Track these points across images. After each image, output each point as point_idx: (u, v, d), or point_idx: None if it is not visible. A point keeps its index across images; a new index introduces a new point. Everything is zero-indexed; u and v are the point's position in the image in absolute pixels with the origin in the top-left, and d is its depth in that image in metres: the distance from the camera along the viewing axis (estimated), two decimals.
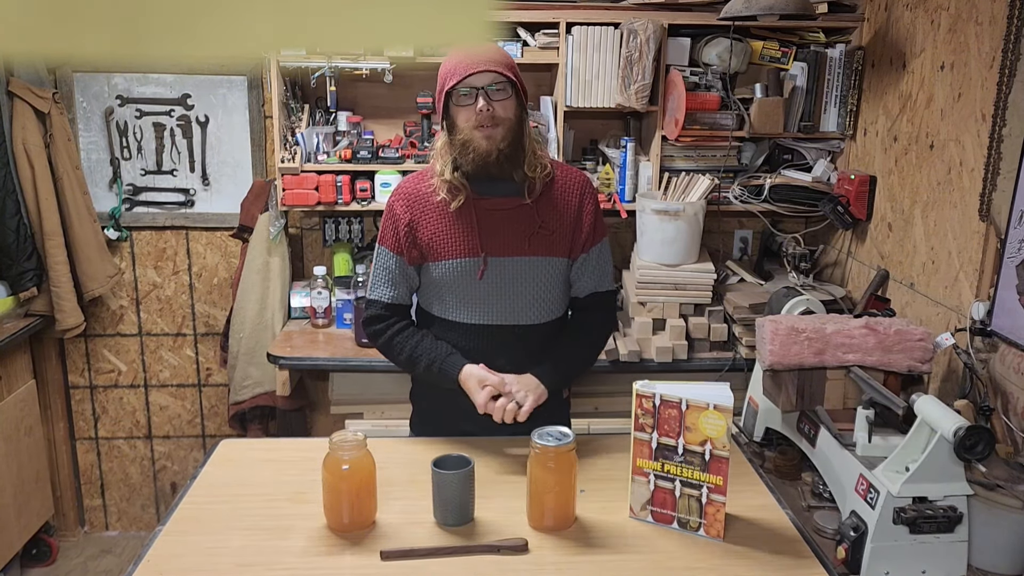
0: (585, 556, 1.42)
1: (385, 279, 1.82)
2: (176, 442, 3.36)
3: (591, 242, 1.83)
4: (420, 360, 1.77)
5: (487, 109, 1.65)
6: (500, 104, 1.67)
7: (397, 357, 1.81)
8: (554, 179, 1.80)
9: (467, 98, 1.66)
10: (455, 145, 1.70)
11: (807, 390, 1.83)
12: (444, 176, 1.72)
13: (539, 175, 1.75)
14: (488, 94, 1.65)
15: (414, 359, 1.78)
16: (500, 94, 1.67)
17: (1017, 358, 1.87)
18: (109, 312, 3.21)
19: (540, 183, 1.76)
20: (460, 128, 1.69)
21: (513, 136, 1.70)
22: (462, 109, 1.68)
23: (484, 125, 1.66)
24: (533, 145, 1.75)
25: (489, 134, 1.67)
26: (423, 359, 1.77)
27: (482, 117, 1.65)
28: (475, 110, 1.65)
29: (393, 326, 1.81)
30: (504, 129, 1.68)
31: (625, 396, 1.52)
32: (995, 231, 1.98)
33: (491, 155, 1.68)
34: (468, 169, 1.71)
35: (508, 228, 1.75)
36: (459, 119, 1.69)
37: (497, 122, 1.67)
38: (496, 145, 1.68)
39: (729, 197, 2.82)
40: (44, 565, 3.10)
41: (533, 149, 1.75)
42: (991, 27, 2.01)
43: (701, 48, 2.75)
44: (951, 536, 1.54)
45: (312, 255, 3.18)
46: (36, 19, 0.47)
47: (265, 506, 1.55)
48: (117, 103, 3.02)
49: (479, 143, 1.68)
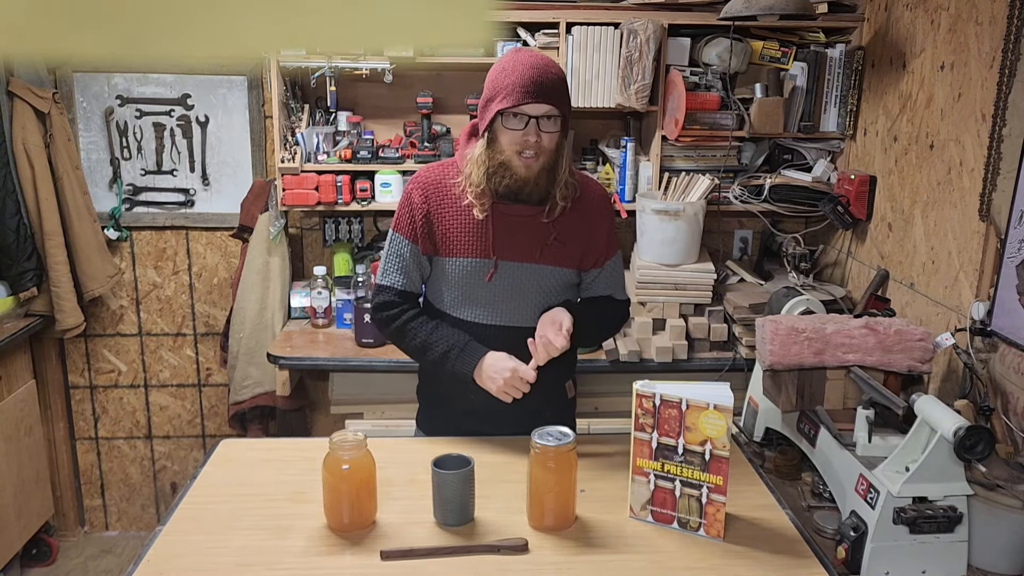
0: (585, 556, 1.42)
1: (398, 266, 1.81)
2: (176, 442, 3.36)
3: (605, 257, 1.84)
4: (436, 346, 1.75)
5: (535, 140, 1.64)
6: (548, 136, 1.66)
7: (410, 343, 1.80)
8: (576, 195, 1.79)
9: (517, 122, 1.64)
10: (493, 161, 1.69)
11: (807, 390, 1.83)
12: (478, 186, 1.71)
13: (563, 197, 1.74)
14: (539, 124, 1.64)
15: (428, 345, 1.76)
16: (550, 125, 1.65)
17: (1017, 358, 1.87)
18: (109, 312, 3.21)
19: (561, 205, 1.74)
20: (502, 148, 1.67)
21: (551, 164, 1.69)
22: (508, 131, 1.66)
23: (527, 154, 1.66)
24: (567, 172, 1.73)
25: (530, 164, 1.67)
26: (439, 345, 1.75)
27: (527, 145, 1.65)
28: (521, 136, 1.64)
29: (407, 311, 1.80)
30: (545, 159, 1.68)
31: (625, 396, 1.52)
32: (995, 231, 1.98)
33: (528, 184, 1.69)
34: (501, 189, 1.71)
35: (522, 235, 1.75)
36: (503, 139, 1.67)
37: (540, 152, 1.66)
38: (533, 172, 1.68)
39: (729, 197, 2.82)
40: (44, 565, 3.10)
41: (566, 178, 1.73)
42: (991, 27, 2.01)
43: (701, 48, 2.75)
44: (951, 536, 1.54)
45: (312, 255, 3.18)
46: (36, 19, 0.47)
47: (265, 506, 1.55)
48: (117, 103, 3.02)
49: (518, 170, 1.67)
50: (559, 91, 1.65)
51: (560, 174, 1.71)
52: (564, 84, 1.68)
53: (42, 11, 0.47)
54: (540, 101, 1.61)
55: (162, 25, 0.48)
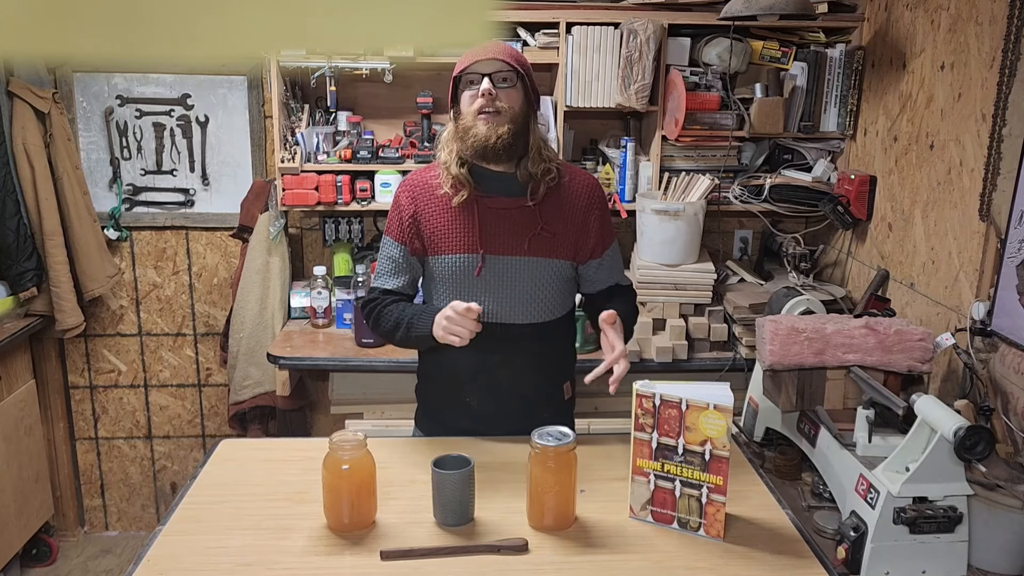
0: (585, 556, 1.42)
1: (389, 269, 1.83)
2: (176, 442, 3.36)
3: (602, 246, 1.85)
4: (402, 321, 1.77)
5: (490, 93, 1.67)
6: (504, 92, 1.69)
7: (385, 327, 1.81)
8: (561, 182, 1.80)
9: (473, 84, 1.70)
10: (459, 132, 1.72)
11: (807, 390, 1.83)
12: (449, 169, 1.74)
13: (541, 174, 1.75)
14: (492, 80, 1.68)
15: (398, 323, 1.78)
16: (505, 83, 1.70)
17: (1017, 358, 1.87)
18: (109, 312, 3.21)
19: (544, 184, 1.76)
20: (464, 115, 1.72)
21: (517, 129, 1.71)
22: (467, 95, 1.71)
23: (486, 111, 1.68)
24: (539, 143, 1.76)
25: (489, 119, 1.68)
26: (404, 318, 1.77)
27: (484, 102, 1.67)
28: (478, 96, 1.68)
29: (383, 301, 1.82)
30: (506, 119, 1.69)
31: (625, 396, 1.52)
32: (995, 231, 1.98)
33: (490, 141, 1.69)
34: (468, 156, 1.73)
35: (509, 227, 1.76)
36: (464, 104, 1.72)
37: (499, 110, 1.69)
38: (495, 131, 1.68)
39: (729, 197, 2.82)
40: (44, 565, 3.10)
41: (538, 147, 1.75)
42: (991, 27, 2.01)
43: (701, 48, 2.75)
44: (951, 536, 1.54)
45: (312, 255, 3.18)
46: (36, 19, 0.47)
47: (265, 506, 1.55)
48: (117, 103, 3.02)
49: (479, 128, 1.69)
50: (509, 52, 1.72)
51: (531, 140, 1.74)
52: (517, 52, 1.76)
53: (42, 11, 0.47)
54: (490, 58, 1.68)
55: (162, 25, 0.48)
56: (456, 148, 1.73)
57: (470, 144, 1.70)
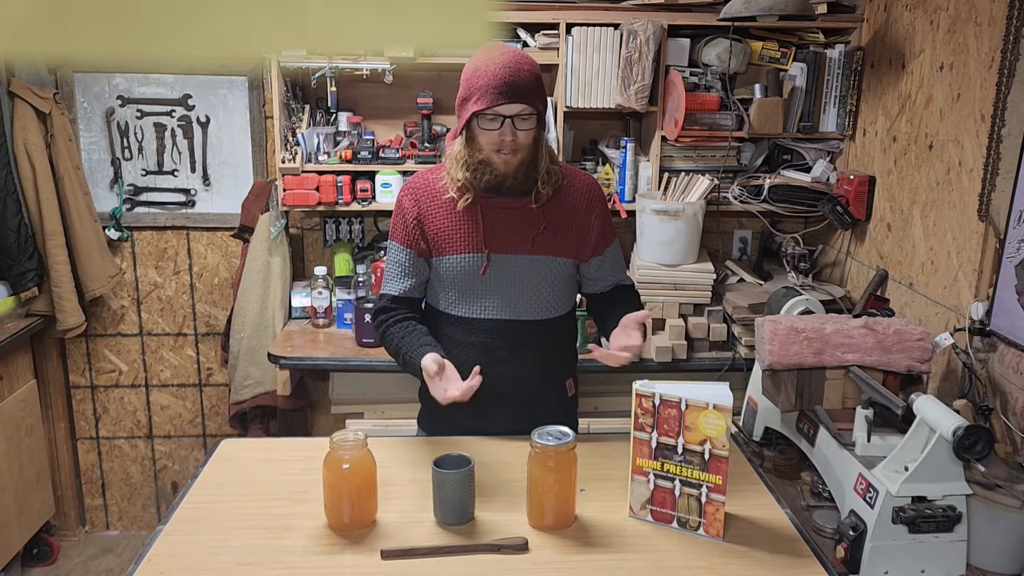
0: (585, 555, 1.42)
1: (397, 273, 1.84)
2: (177, 442, 3.36)
3: (603, 245, 1.86)
4: (399, 353, 1.78)
5: (511, 138, 1.67)
6: (524, 133, 1.68)
7: (388, 349, 1.83)
8: (561, 184, 1.81)
9: (492, 123, 1.66)
10: (473, 159, 1.72)
11: (806, 390, 1.84)
12: (459, 181, 1.74)
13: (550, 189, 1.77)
14: (514, 123, 1.66)
15: (397, 351, 1.79)
16: (525, 123, 1.68)
17: (1016, 358, 1.87)
18: (110, 312, 3.22)
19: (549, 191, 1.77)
20: (480, 147, 1.70)
21: (529, 157, 1.72)
22: (484, 131, 1.68)
23: (504, 152, 1.68)
24: (547, 163, 1.76)
25: (508, 160, 1.69)
26: (401, 351, 1.77)
27: (504, 144, 1.67)
28: (498, 136, 1.67)
29: (392, 318, 1.82)
30: (523, 154, 1.70)
31: (625, 396, 1.52)
32: (994, 231, 1.98)
33: (507, 177, 1.72)
34: (479, 186, 1.74)
35: (513, 227, 1.77)
36: (480, 139, 1.70)
37: (517, 148, 1.69)
38: (512, 169, 1.71)
39: (728, 197, 2.82)
40: (45, 565, 3.11)
41: (547, 168, 1.75)
42: (990, 27, 2.01)
43: (701, 48, 2.76)
44: (950, 536, 1.54)
45: (313, 255, 3.18)
46: (37, 19, 0.48)
47: (265, 506, 1.56)
48: (118, 103, 3.02)
49: (498, 166, 1.70)
50: (532, 88, 1.67)
51: (541, 165, 1.74)
52: (538, 80, 1.69)
53: (43, 11, 0.47)
54: (514, 101, 1.63)
55: (163, 25, 0.49)
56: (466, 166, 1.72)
57: (486, 179, 1.72)
